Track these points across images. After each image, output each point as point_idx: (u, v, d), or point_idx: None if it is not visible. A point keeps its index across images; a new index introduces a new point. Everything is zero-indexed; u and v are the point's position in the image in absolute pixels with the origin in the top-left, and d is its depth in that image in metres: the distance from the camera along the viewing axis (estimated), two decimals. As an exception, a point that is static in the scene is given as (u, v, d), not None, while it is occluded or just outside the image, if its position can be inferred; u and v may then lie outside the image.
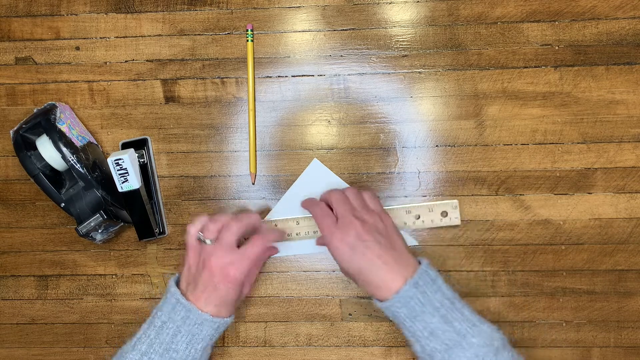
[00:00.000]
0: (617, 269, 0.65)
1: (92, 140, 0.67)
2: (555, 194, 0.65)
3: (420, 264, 0.56)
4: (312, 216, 0.61)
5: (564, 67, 0.65)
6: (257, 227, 0.61)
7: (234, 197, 0.68)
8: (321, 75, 0.67)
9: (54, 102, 0.66)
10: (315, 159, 0.67)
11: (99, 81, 0.69)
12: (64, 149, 0.60)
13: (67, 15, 0.69)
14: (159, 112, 0.68)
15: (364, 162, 0.67)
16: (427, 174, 0.66)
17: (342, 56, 0.67)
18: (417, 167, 0.66)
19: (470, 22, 0.66)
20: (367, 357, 0.66)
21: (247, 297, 0.66)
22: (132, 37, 0.69)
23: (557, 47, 0.66)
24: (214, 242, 0.58)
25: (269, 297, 0.67)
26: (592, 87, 0.65)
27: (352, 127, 0.67)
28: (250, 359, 0.67)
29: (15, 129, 0.63)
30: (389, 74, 0.67)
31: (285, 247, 0.66)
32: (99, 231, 0.63)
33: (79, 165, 0.61)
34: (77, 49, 0.69)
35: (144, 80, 0.68)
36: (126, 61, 0.69)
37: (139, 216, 0.64)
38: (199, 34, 0.68)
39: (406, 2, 0.67)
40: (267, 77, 0.68)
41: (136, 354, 0.55)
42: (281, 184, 0.67)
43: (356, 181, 0.66)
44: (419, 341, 0.54)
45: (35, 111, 0.65)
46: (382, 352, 0.66)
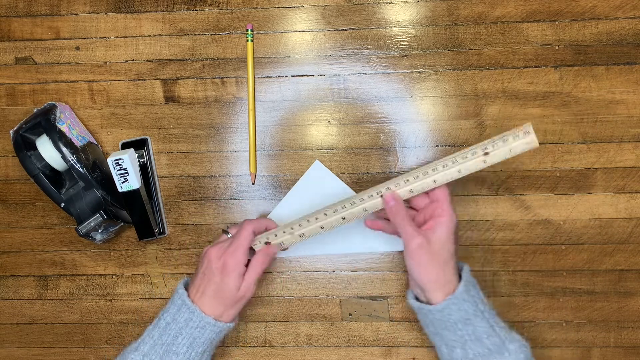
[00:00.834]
0: (617, 269, 0.65)
1: (92, 140, 0.67)
2: (555, 194, 0.65)
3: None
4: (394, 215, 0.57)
5: (564, 67, 0.65)
6: (270, 228, 0.61)
7: (234, 197, 0.67)
8: (321, 75, 0.67)
9: (54, 102, 0.66)
10: (317, 160, 0.67)
11: (99, 81, 0.69)
12: (64, 149, 0.60)
13: (67, 15, 0.69)
14: (159, 112, 0.68)
15: (364, 162, 0.67)
16: (427, 174, 0.66)
17: (342, 56, 0.67)
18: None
19: (470, 22, 0.66)
20: (367, 357, 0.66)
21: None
22: (132, 37, 0.68)
23: (557, 47, 0.66)
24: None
25: (269, 297, 0.67)
26: (592, 87, 0.65)
27: (352, 127, 0.67)
28: (250, 359, 0.67)
29: (15, 129, 0.63)
30: (389, 74, 0.67)
31: (293, 248, 0.65)
32: (99, 231, 0.63)
33: (79, 165, 0.61)
34: (77, 49, 0.69)
35: (144, 80, 0.68)
36: (126, 61, 0.69)
37: (139, 216, 0.64)
38: (199, 34, 0.68)
39: (406, 2, 0.67)
40: (267, 77, 0.68)
41: (138, 354, 0.55)
42: (281, 184, 0.67)
43: (356, 181, 0.66)
44: (464, 346, 0.53)
45: (35, 111, 0.65)
46: (382, 352, 0.66)
